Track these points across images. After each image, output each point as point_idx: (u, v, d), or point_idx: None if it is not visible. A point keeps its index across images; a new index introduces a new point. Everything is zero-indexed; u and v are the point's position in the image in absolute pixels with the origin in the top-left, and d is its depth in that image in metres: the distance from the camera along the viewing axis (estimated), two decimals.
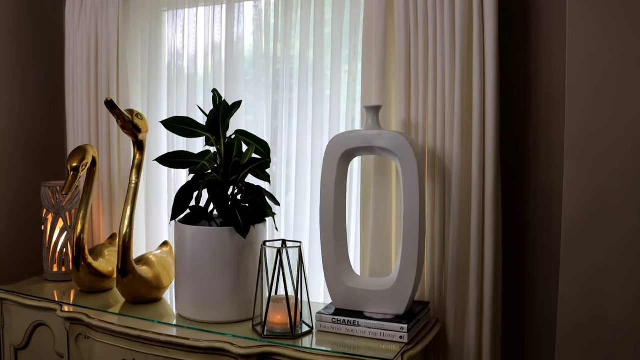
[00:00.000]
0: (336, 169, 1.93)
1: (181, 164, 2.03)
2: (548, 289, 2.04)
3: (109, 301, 2.26)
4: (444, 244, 2.01)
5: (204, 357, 1.87)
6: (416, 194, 1.85)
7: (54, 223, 2.45)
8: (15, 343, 2.35)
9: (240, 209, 1.97)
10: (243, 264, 1.99)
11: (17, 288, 2.39)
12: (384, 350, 1.79)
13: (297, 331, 1.90)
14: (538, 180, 2.03)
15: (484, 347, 1.98)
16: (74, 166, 2.21)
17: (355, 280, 1.97)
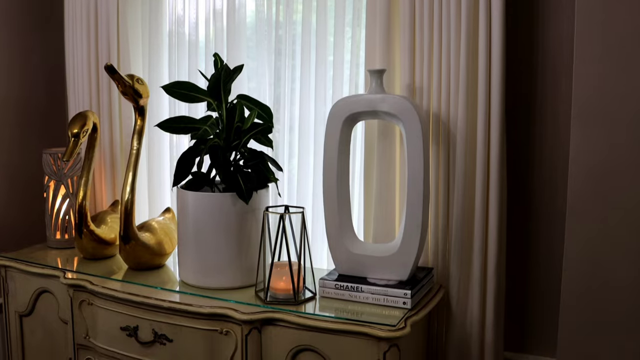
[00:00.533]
0: (339, 133, 1.91)
1: (182, 130, 2.01)
2: (552, 257, 2.02)
3: (112, 268, 2.26)
4: (448, 209, 1.99)
5: (206, 322, 1.87)
6: (420, 159, 1.83)
7: (56, 190, 2.44)
8: (20, 310, 2.36)
9: (243, 174, 1.95)
10: (245, 230, 1.98)
11: (21, 255, 2.38)
12: (387, 316, 1.79)
13: (299, 297, 1.89)
14: (544, 146, 2.00)
15: (487, 313, 1.97)
16: (74, 132, 2.19)
17: (359, 246, 1.96)
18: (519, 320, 2.11)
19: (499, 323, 1.99)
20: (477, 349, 1.99)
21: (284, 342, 1.81)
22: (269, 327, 1.82)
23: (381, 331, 1.69)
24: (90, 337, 2.11)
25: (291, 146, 2.35)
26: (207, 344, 1.87)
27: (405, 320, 1.75)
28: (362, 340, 1.72)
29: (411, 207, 1.85)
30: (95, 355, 2.12)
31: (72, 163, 2.41)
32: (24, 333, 2.38)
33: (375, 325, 1.71)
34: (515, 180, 2.04)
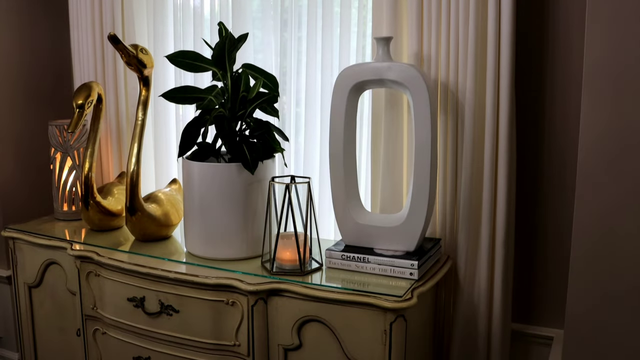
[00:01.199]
0: (345, 102, 1.88)
1: (187, 100, 1.99)
2: (562, 227, 2.00)
3: (119, 239, 2.26)
4: (456, 179, 1.97)
5: (212, 293, 1.86)
6: (427, 128, 1.80)
7: (63, 162, 2.43)
8: (28, 281, 2.36)
9: (248, 144, 1.93)
10: (251, 201, 1.96)
11: (28, 227, 2.38)
12: (394, 286, 1.77)
13: (306, 268, 1.88)
14: (554, 115, 1.97)
15: (495, 284, 1.96)
16: (79, 103, 2.18)
17: (365, 217, 1.95)
18: (527, 292, 2.09)
19: (506, 294, 1.97)
20: (484, 320, 1.98)
21: (290, 312, 1.80)
22: (275, 297, 1.82)
23: (387, 302, 1.67)
24: (98, 308, 2.11)
25: (298, 117, 2.32)
26: (214, 315, 1.87)
27: (412, 291, 1.74)
28: (369, 311, 1.71)
29: (418, 177, 1.83)
30: (103, 326, 2.12)
31: (78, 135, 2.40)
32: (33, 304, 2.39)
33: (381, 296, 1.70)
34: (524, 149, 2.01)
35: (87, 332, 2.19)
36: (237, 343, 1.87)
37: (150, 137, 2.54)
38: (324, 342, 1.79)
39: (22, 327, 2.44)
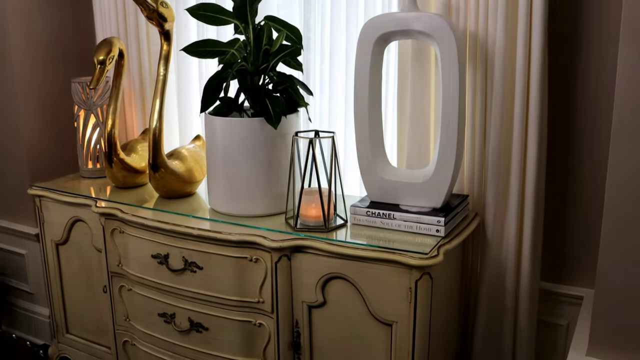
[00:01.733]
0: (371, 55, 1.82)
1: (209, 54, 1.94)
2: (595, 184, 1.94)
3: (144, 196, 2.25)
4: (484, 134, 1.91)
5: (236, 250, 1.85)
6: (455, 81, 1.74)
7: (86, 119, 2.42)
8: (55, 239, 2.38)
9: (271, 98, 1.89)
10: (275, 156, 1.93)
11: (54, 185, 2.39)
12: (420, 243, 1.74)
13: (330, 224, 1.85)
14: (589, 65, 1.89)
15: (524, 241, 1.91)
16: (100, 59, 2.15)
17: (391, 172, 1.90)
18: (557, 250, 2.04)
19: (536, 252, 1.92)
20: (512, 278, 1.94)
21: (314, 269, 1.78)
22: (299, 254, 1.79)
23: (413, 259, 1.64)
24: (123, 265, 2.12)
25: (323, 72, 2.27)
26: (237, 272, 1.86)
27: (438, 249, 1.70)
28: (394, 268, 1.68)
29: (445, 132, 1.78)
30: (129, 283, 2.13)
31: (101, 91, 2.38)
32: (61, 261, 2.41)
33: (407, 253, 1.66)
34: (556, 102, 1.93)
35: (113, 289, 2.20)
36: (261, 300, 1.85)
37: (173, 93, 2.51)
38: (348, 300, 1.76)
39: (51, 284, 2.47)
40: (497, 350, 2.02)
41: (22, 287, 3.02)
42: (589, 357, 1.65)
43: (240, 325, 1.91)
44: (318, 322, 1.83)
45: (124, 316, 2.19)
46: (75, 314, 2.44)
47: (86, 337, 2.43)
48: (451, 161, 1.79)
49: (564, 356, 2.04)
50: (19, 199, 2.84)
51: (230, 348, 1.94)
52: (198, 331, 1.98)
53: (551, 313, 2.07)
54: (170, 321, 2.03)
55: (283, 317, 1.85)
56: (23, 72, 2.66)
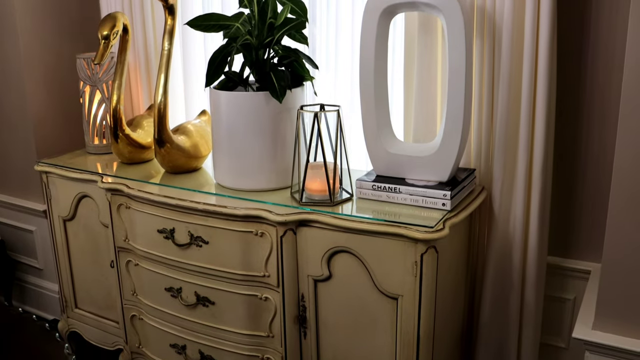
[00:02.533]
0: (376, 27, 1.80)
1: (213, 27, 1.93)
2: (603, 157, 1.92)
3: (150, 172, 2.24)
4: (492, 107, 1.89)
5: (241, 224, 1.84)
6: (462, 53, 1.72)
7: (92, 95, 2.41)
8: (62, 214, 2.38)
9: (276, 72, 1.88)
10: (280, 130, 1.92)
11: (60, 161, 2.39)
12: (425, 217, 1.73)
13: (335, 198, 1.84)
14: (599, 36, 1.86)
15: (531, 216, 1.90)
16: (104, 34, 2.14)
17: (397, 146, 1.89)
18: (565, 224, 2.03)
19: (543, 227, 1.91)
20: (519, 253, 1.93)
21: (319, 243, 1.78)
22: (304, 228, 1.79)
23: (418, 233, 1.63)
24: (130, 240, 2.12)
25: (328, 46, 2.25)
26: (243, 246, 1.86)
27: (444, 222, 1.69)
28: (399, 242, 1.67)
29: (452, 105, 1.76)
30: (135, 258, 2.13)
31: (107, 67, 2.37)
32: (69, 237, 2.42)
33: (412, 227, 1.65)
34: (565, 74, 1.91)
35: (120, 264, 2.20)
36: (267, 274, 1.86)
37: (179, 68, 2.50)
38: (354, 274, 1.76)
39: (59, 260, 2.48)
40: (504, 324, 2.02)
41: (32, 263, 3.04)
42: (595, 331, 1.65)
43: (246, 299, 1.91)
44: (324, 296, 1.83)
45: (132, 291, 2.20)
46: (84, 289, 2.45)
47: (95, 311, 2.45)
48: (458, 134, 1.77)
49: (570, 330, 2.04)
50: (27, 176, 2.85)
51: (236, 322, 1.95)
52: (204, 305, 1.99)
53: (558, 287, 2.06)
54: (176, 295, 2.04)
55: (289, 291, 1.85)
56: (29, 50, 2.65)
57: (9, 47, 2.68)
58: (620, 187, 1.55)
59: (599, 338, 1.62)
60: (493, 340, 2.04)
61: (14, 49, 2.66)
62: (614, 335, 1.62)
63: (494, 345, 2.05)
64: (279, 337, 1.91)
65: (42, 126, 2.75)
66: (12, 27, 2.63)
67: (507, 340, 2.02)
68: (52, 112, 2.76)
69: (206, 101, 2.50)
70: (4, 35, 2.68)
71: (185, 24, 1.95)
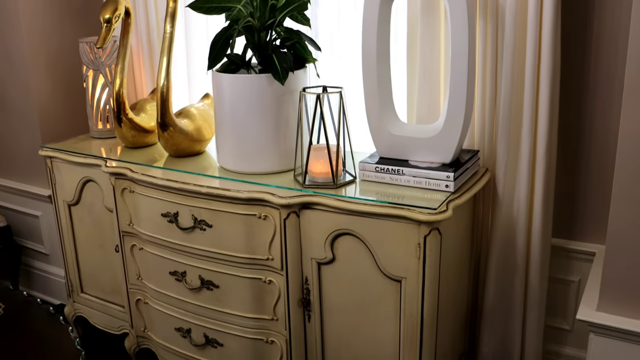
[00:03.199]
0: (378, 8, 1.78)
1: (215, 9, 1.91)
2: (607, 138, 1.91)
3: (154, 156, 2.24)
4: (495, 88, 1.88)
5: (245, 207, 1.84)
6: (465, 34, 1.71)
7: (95, 79, 2.41)
8: (67, 199, 2.39)
9: (279, 54, 1.87)
10: (283, 113, 1.92)
11: (64, 146, 2.39)
12: (429, 199, 1.72)
13: (339, 180, 1.84)
14: (603, 14, 1.84)
15: (535, 198, 1.89)
16: (106, 18, 2.13)
17: (400, 128, 1.88)
18: (569, 206, 2.02)
19: (547, 208, 1.90)
20: (523, 234, 1.93)
21: (322, 226, 1.78)
22: (308, 211, 1.79)
23: (422, 214, 1.63)
24: (134, 224, 2.12)
25: (331, 27, 2.23)
26: (246, 229, 1.86)
27: (447, 204, 1.69)
28: (403, 224, 1.66)
29: (455, 86, 1.75)
30: (140, 242, 2.14)
31: (109, 51, 2.37)
32: (74, 222, 2.43)
33: (415, 209, 1.65)
34: (569, 54, 1.89)
35: (124, 248, 2.21)
36: (271, 257, 1.86)
37: (182, 51, 2.49)
38: (358, 256, 1.76)
39: (65, 245, 2.49)
40: (508, 307, 2.01)
41: (38, 249, 3.05)
42: (599, 312, 1.64)
43: (250, 282, 1.91)
44: (327, 279, 1.83)
45: (136, 275, 2.20)
46: (90, 274, 2.46)
47: (101, 296, 2.46)
48: (461, 116, 1.76)
49: (574, 312, 2.03)
50: (32, 161, 2.85)
51: (240, 305, 1.96)
52: (209, 289, 2.00)
53: (562, 269, 2.06)
54: (181, 279, 2.05)
55: (292, 274, 1.85)
56: (32, 35, 2.65)
57: (11, 33, 2.67)
58: (624, 168, 1.54)
59: (604, 320, 1.62)
60: (497, 323, 2.04)
61: (16, 35, 2.65)
62: (619, 317, 1.62)
63: (498, 327, 2.05)
64: (283, 320, 1.91)
65: (46, 111, 2.74)
66: (14, 13, 2.62)
67: (511, 322, 2.02)
68: (55, 97, 2.76)
69: (209, 84, 2.49)
70: (6, 21, 2.67)
71: (187, 6, 1.94)
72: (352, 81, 2.20)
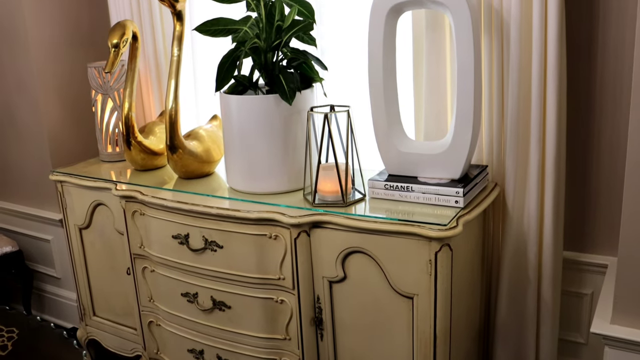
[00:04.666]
0: (383, 27, 1.80)
1: (221, 32, 1.93)
2: (616, 150, 1.90)
3: (163, 178, 2.26)
4: (502, 103, 1.88)
5: (255, 227, 1.85)
6: (470, 50, 1.71)
7: (104, 103, 2.43)
8: (78, 223, 2.40)
9: (285, 75, 1.88)
10: (291, 133, 1.93)
11: (75, 170, 2.41)
12: (439, 215, 1.73)
13: (348, 199, 1.84)
14: (608, 29, 1.84)
15: (545, 211, 1.88)
16: (114, 43, 2.15)
17: (408, 145, 1.89)
18: (580, 219, 2.01)
19: (558, 221, 1.90)
20: (534, 248, 1.92)
21: (333, 244, 1.78)
22: (318, 230, 1.79)
23: (432, 231, 1.63)
24: (145, 247, 2.13)
25: (337, 46, 2.25)
26: (257, 249, 1.86)
27: (457, 220, 1.69)
28: (413, 241, 1.67)
29: (461, 102, 1.75)
30: (151, 264, 2.14)
31: (118, 75, 2.39)
32: (85, 245, 2.44)
33: (425, 225, 1.65)
34: (575, 69, 1.90)
35: (136, 271, 2.22)
36: (282, 277, 1.86)
37: (189, 74, 2.51)
38: (369, 274, 1.76)
39: (77, 268, 2.50)
40: (521, 321, 2.00)
41: (49, 272, 3.06)
42: (614, 325, 1.63)
43: (262, 302, 1.91)
44: (339, 297, 1.83)
45: (148, 297, 2.21)
46: (102, 297, 2.47)
47: (113, 319, 2.46)
48: (468, 131, 1.76)
49: (588, 325, 2.02)
50: (43, 186, 2.87)
51: (253, 325, 1.96)
52: (221, 310, 2.00)
53: (575, 282, 2.05)
54: (193, 301, 2.05)
55: (304, 293, 1.85)
56: (41, 61, 2.68)
57: (21, 59, 2.70)
58: (634, 178, 1.54)
59: (618, 332, 1.61)
60: (511, 337, 2.03)
61: (26, 60, 2.69)
62: (634, 329, 1.61)
63: (512, 342, 2.04)
64: (296, 339, 1.91)
65: (56, 135, 2.77)
66: (23, 39, 2.65)
67: (525, 336, 2.01)
68: (65, 122, 2.79)
69: (217, 106, 2.51)
70: (16, 46, 2.70)
71: (193, 29, 1.95)
72: (359, 99, 2.21)
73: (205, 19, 1.93)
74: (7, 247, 2.91)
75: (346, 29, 2.21)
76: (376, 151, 1.94)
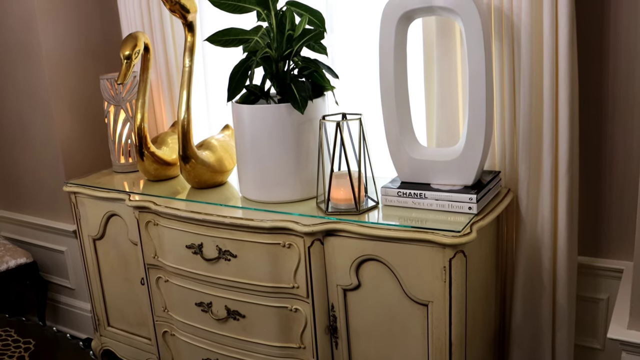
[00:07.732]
0: (394, 34, 1.80)
1: (232, 42, 1.94)
2: (630, 153, 1.89)
3: (176, 188, 2.26)
4: (514, 108, 1.88)
5: (269, 236, 1.85)
6: (481, 56, 1.71)
7: (117, 115, 2.44)
8: (92, 234, 2.41)
9: (297, 83, 1.89)
10: (303, 141, 1.93)
11: (88, 181, 2.42)
12: (452, 222, 1.72)
13: (361, 206, 1.84)
14: (619, 30, 1.84)
15: (559, 216, 1.88)
16: (126, 54, 2.17)
17: (421, 151, 1.89)
18: (594, 223, 2.00)
19: (572, 226, 1.89)
20: (549, 254, 1.91)
21: (347, 252, 1.78)
22: (331, 238, 1.79)
23: (446, 238, 1.63)
24: (159, 257, 2.14)
25: (348, 55, 2.25)
26: (271, 258, 1.87)
27: (471, 226, 1.68)
28: (427, 248, 1.66)
29: (473, 108, 1.75)
30: (165, 274, 2.15)
31: (130, 86, 2.41)
32: (99, 256, 2.45)
33: (439, 232, 1.65)
34: (587, 73, 1.89)
35: (150, 281, 2.22)
36: (296, 285, 1.86)
37: (201, 84, 2.52)
38: (383, 281, 1.76)
39: (91, 279, 2.51)
40: (536, 327, 1.99)
41: (64, 283, 3.08)
42: (630, 331, 1.62)
43: (277, 311, 1.92)
44: (354, 305, 1.83)
45: (163, 307, 2.21)
46: (116, 307, 2.47)
47: (127, 329, 2.47)
48: (481, 137, 1.76)
49: (605, 330, 2.01)
50: (56, 197, 2.89)
51: (267, 334, 1.96)
52: (235, 319, 2.00)
53: (590, 287, 2.04)
54: (207, 310, 2.05)
55: (318, 301, 1.85)
56: (54, 73, 2.70)
57: (34, 71, 2.73)
58: None
59: (636, 338, 1.60)
60: (526, 343, 2.02)
61: (39, 73, 2.71)
62: None
63: (527, 348, 2.03)
64: (311, 348, 1.91)
65: (69, 147, 2.79)
66: (37, 51, 2.68)
67: (540, 342, 2.00)
68: (78, 133, 2.81)
69: (229, 115, 2.52)
70: (29, 59, 2.73)
71: (205, 40, 1.97)
72: (371, 107, 2.21)
73: (216, 30, 1.95)
74: (21, 258, 2.92)
75: (357, 37, 2.21)
76: (388, 158, 1.94)
